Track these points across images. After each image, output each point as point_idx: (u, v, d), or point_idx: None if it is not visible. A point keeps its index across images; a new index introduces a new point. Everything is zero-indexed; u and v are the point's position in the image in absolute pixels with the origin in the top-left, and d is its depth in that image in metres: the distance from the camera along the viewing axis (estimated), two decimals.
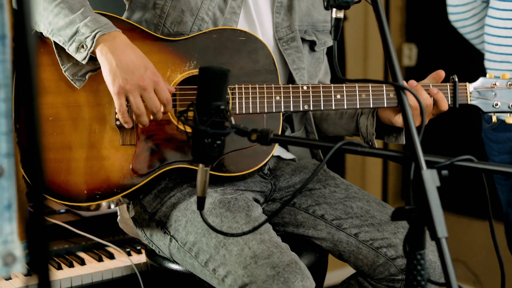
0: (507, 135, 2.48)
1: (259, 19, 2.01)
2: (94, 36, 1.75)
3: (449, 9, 2.69)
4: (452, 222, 3.63)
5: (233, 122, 1.40)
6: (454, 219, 3.65)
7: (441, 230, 1.23)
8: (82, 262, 2.29)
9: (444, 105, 1.90)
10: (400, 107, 1.33)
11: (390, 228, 1.92)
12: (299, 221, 2.00)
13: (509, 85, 1.97)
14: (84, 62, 1.77)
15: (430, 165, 1.31)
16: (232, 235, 1.70)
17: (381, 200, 2.03)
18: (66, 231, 2.41)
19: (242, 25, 1.99)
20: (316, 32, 2.11)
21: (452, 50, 3.55)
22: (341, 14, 1.49)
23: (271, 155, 1.88)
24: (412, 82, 1.90)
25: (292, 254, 1.72)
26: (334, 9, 1.48)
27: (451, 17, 2.71)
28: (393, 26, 3.83)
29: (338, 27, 1.50)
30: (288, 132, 2.13)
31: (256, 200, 1.98)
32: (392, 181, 3.98)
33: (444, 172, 1.32)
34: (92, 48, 1.75)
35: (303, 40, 2.07)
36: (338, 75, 1.50)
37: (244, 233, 1.50)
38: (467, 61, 3.23)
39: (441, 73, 1.95)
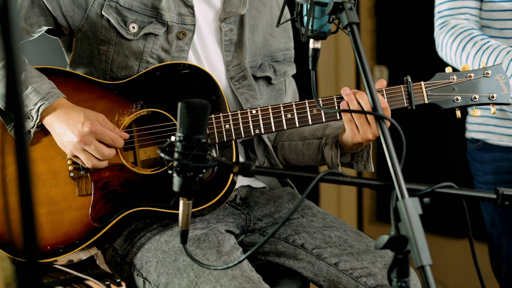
0: (492, 155, 2.46)
1: (207, 58, 2.00)
2: (38, 110, 1.81)
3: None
4: (427, 241, 3.64)
5: (215, 155, 1.40)
6: (429, 238, 3.67)
7: (425, 257, 1.24)
8: None
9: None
10: (381, 136, 1.34)
11: (368, 257, 1.92)
12: (279, 250, 1.99)
13: (469, 76, 1.87)
14: (32, 130, 1.83)
15: (411, 192, 1.32)
16: (216, 268, 1.69)
17: (357, 229, 2.03)
18: (43, 265, 2.37)
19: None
20: (275, 63, 2.10)
21: (422, 71, 3.58)
22: (318, 45, 1.50)
23: (226, 186, 1.86)
24: (346, 90, 1.85)
25: (264, 287, 1.72)
26: (311, 40, 1.50)
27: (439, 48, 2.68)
28: (364, 49, 3.87)
29: (315, 57, 1.51)
30: (256, 163, 2.10)
31: (231, 232, 1.96)
32: (367, 202, 4.00)
33: (426, 199, 1.34)
34: (38, 120, 1.82)
35: (256, 77, 2.05)
36: (319, 106, 1.51)
37: (228, 267, 1.50)
38: None
39: (383, 82, 1.91)
